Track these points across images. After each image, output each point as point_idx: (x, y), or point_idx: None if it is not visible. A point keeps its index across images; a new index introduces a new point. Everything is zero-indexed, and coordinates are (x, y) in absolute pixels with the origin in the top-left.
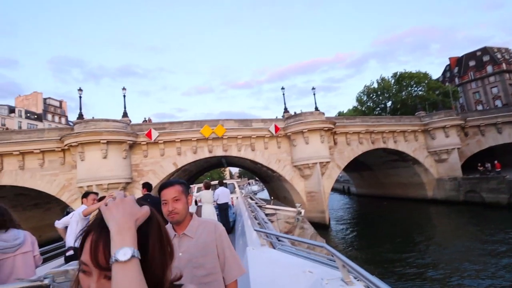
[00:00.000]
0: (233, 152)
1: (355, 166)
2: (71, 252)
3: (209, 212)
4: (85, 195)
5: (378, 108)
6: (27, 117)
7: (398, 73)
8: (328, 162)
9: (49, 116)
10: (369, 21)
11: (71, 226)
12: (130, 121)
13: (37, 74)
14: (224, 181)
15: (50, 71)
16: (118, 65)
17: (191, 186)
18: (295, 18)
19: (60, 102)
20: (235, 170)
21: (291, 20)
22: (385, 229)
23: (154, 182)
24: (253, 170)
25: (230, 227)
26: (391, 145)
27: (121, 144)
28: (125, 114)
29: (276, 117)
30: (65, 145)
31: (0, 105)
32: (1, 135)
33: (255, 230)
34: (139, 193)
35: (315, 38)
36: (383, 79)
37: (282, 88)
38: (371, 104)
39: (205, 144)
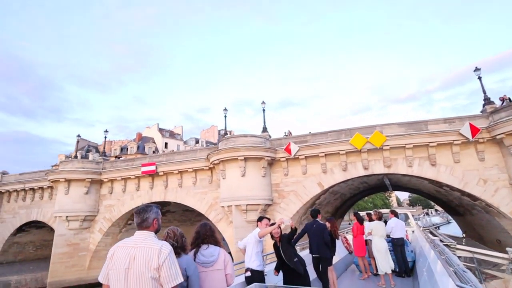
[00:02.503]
0: (400, 168)
1: None
2: (248, 274)
3: (382, 248)
4: (260, 219)
5: None
6: (206, 146)
7: None
8: None
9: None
10: None
11: (248, 248)
12: (270, 136)
13: (219, 113)
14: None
15: (230, 110)
16: (277, 99)
17: (362, 214)
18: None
19: (231, 132)
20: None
21: (459, 10)
22: None
23: (296, 205)
24: (433, 196)
25: (408, 268)
26: None
27: (259, 161)
28: (264, 129)
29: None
30: (211, 163)
31: (190, 138)
32: (167, 156)
33: (458, 286)
34: (279, 216)
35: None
36: None
37: (477, 70)
38: None
39: (358, 159)
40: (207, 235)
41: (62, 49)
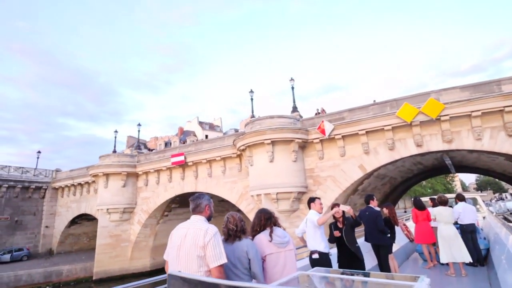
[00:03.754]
0: (465, 143)
1: None
2: (316, 256)
3: (450, 235)
4: (312, 200)
5: None
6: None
7: None
8: None
9: None
10: None
11: (309, 232)
12: (301, 116)
13: (260, 103)
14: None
15: (272, 99)
16: (320, 84)
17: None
18: None
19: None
20: (469, 179)
21: None
22: None
23: (335, 192)
24: (510, 176)
25: (481, 257)
26: None
27: (288, 144)
28: (294, 109)
29: None
30: (238, 149)
31: (230, 129)
32: (196, 146)
33: None
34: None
35: None
36: None
37: None
38: None
39: (407, 135)
40: (275, 218)
41: (116, 56)
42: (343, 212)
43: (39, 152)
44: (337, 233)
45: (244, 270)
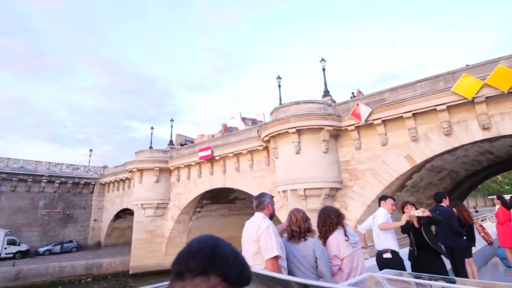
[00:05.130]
0: None
1: None
2: (389, 255)
3: None
4: (384, 198)
5: None
6: None
7: None
8: None
9: None
10: None
11: (377, 230)
12: (334, 101)
13: (309, 95)
14: None
15: (319, 92)
16: (375, 74)
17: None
18: None
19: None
20: None
21: None
22: None
23: (376, 188)
24: None
25: None
26: None
27: (317, 133)
28: (326, 93)
29: None
30: (263, 141)
31: None
32: (223, 139)
33: None
34: (353, 204)
35: None
36: None
37: None
38: None
39: (469, 115)
40: (343, 216)
41: (172, 62)
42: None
43: (91, 150)
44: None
45: (310, 268)
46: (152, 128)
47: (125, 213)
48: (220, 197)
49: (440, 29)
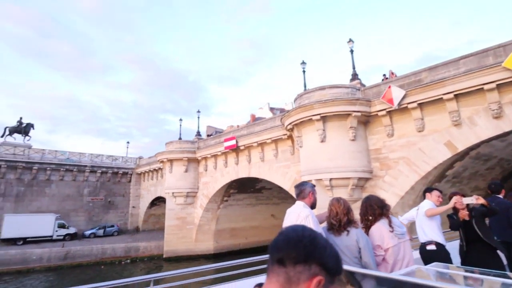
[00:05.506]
0: None
1: None
2: (433, 247)
3: None
4: (429, 190)
5: None
6: None
7: None
8: None
9: None
10: None
11: (422, 221)
12: (363, 85)
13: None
14: None
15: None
16: (415, 57)
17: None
18: None
19: None
20: None
21: None
22: None
23: (410, 178)
24: None
25: None
26: None
27: (344, 119)
28: (354, 76)
29: None
30: (286, 129)
31: None
32: (248, 129)
33: None
34: (384, 195)
35: None
36: None
37: None
38: None
39: None
40: (388, 206)
41: (203, 56)
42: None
43: (128, 142)
44: (463, 215)
45: (354, 258)
46: (180, 120)
47: (159, 201)
48: (246, 187)
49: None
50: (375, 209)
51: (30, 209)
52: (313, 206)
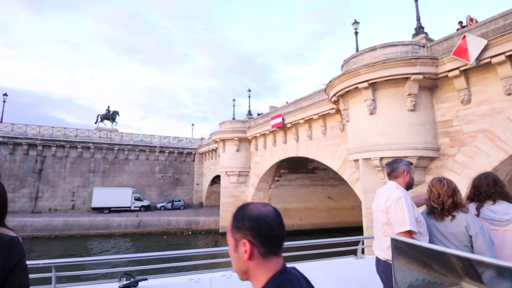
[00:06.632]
0: None
1: None
2: None
3: None
4: None
5: None
6: None
7: None
8: None
9: None
10: None
11: None
12: (429, 41)
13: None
14: None
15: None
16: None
17: None
18: None
19: None
20: None
21: None
22: None
23: (493, 157)
24: None
25: None
26: None
27: (401, 85)
28: (418, 30)
29: None
30: (331, 101)
31: None
32: (295, 104)
33: None
34: (455, 179)
35: None
36: None
37: None
38: None
39: None
40: (495, 191)
41: (270, 36)
42: None
43: (192, 124)
44: None
45: (463, 247)
46: (234, 100)
47: (218, 179)
48: (298, 167)
49: None
50: (470, 192)
51: (114, 184)
52: (408, 186)
